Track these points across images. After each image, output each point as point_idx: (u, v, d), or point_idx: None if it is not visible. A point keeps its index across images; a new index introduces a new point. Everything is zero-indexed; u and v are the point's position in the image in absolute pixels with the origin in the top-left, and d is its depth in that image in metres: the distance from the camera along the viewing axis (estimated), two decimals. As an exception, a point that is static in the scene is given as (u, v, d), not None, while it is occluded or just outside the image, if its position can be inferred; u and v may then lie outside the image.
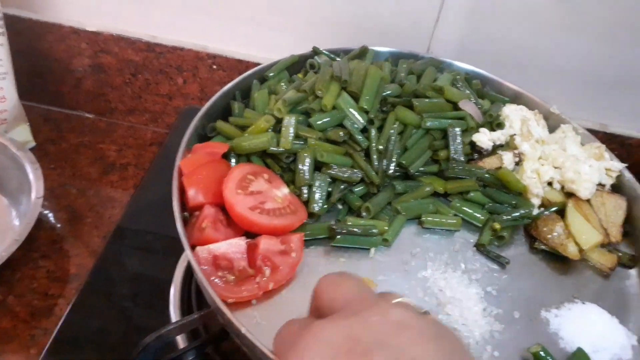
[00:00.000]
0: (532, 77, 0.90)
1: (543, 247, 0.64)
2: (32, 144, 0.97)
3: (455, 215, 0.65)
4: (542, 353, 0.53)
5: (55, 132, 1.02)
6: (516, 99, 0.79)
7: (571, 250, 0.63)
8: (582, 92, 0.91)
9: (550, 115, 0.76)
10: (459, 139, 0.66)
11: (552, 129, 0.76)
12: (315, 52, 0.75)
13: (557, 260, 0.64)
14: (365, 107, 0.63)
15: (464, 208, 0.65)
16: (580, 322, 0.58)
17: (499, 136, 0.69)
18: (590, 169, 0.68)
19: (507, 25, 0.86)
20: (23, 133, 0.95)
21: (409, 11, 0.86)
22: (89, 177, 0.94)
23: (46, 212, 0.87)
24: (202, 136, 0.66)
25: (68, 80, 1.02)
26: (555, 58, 0.88)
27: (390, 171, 0.64)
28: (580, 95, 0.92)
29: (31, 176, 0.79)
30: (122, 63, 0.98)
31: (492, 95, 0.77)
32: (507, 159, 0.68)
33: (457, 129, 0.66)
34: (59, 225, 0.85)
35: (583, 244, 0.63)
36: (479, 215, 0.65)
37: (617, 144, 0.94)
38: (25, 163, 0.81)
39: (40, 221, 0.83)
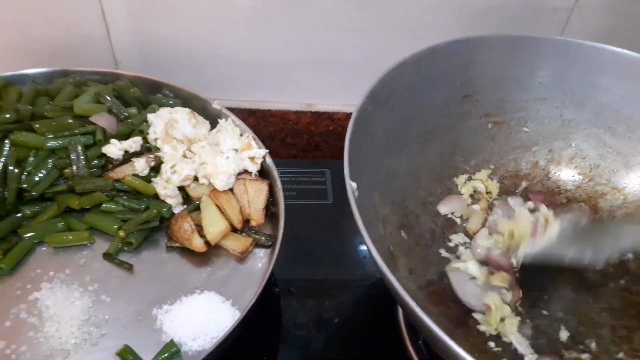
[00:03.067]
0: (216, 74, 0.94)
1: (175, 244, 0.66)
2: None
3: (90, 228, 0.66)
4: (127, 354, 0.55)
5: None
6: (188, 99, 0.81)
7: (196, 243, 0.65)
8: (286, 78, 0.95)
9: (216, 111, 0.78)
10: (81, 155, 0.67)
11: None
12: None
13: (193, 254, 0.66)
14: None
15: (95, 220, 0.66)
16: (185, 313, 0.60)
17: (131, 144, 0.70)
18: (227, 160, 0.71)
19: (177, 24, 0.88)
20: None
21: (74, 25, 0.86)
22: None
23: None
24: None
25: None
26: (244, 51, 0.91)
27: (10, 198, 0.64)
28: (284, 82, 0.95)
29: None
30: None
31: (158, 100, 0.79)
32: (140, 165, 0.69)
33: (79, 146, 0.67)
34: None
35: (208, 235, 0.66)
36: (110, 225, 0.66)
37: (327, 120, 0.98)
38: None
39: None
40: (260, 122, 0.97)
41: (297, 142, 0.98)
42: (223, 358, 0.58)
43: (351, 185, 0.55)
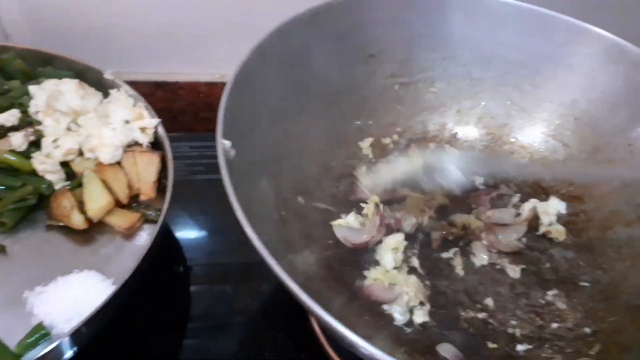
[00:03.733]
0: (119, 45, 0.89)
1: (55, 223, 0.62)
2: None
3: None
4: (-11, 339, 0.51)
5: None
6: (83, 72, 0.76)
7: (76, 221, 0.61)
8: (195, 47, 0.91)
9: (109, 83, 0.74)
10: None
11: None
12: None
13: (78, 233, 0.62)
14: None
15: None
16: (59, 294, 0.56)
17: (8, 117, 0.65)
18: (114, 131, 0.67)
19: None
20: None
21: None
22: None
23: None
24: None
25: None
26: (148, 19, 0.86)
27: None
28: (193, 51, 0.91)
29: None
30: None
31: (46, 73, 0.74)
32: (16, 139, 0.64)
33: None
34: None
35: (89, 211, 0.62)
36: (-18, 205, 0.62)
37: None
38: None
39: None
40: (169, 95, 0.92)
41: (212, 116, 0.94)
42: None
43: (222, 143, 0.51)
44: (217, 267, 0.72)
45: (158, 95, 0.91)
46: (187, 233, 0.75)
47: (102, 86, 0.75)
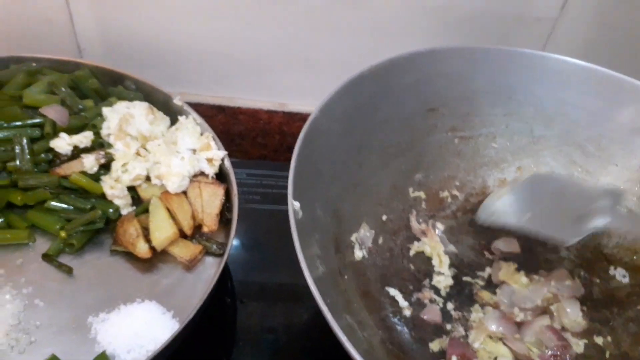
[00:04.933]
0: (185, 68, 0.90)
1: (120, 248, 0.63)
2: None
3: (31, 227, 0.63)
4: (54, 361, 0.52)
5: None
6: (150, 93, 0.77)
7: (140, 249, 0.62)
8: (259, 75, 0.92)
9: (176, 107, 0.75)
10: (26, 148, 0.63)
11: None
12: None
13: (141, 261, 0.63)
14: None
15: (37, 218, 0.63)
16: (122, 323, 0.57)
17: (81, 139, 0.67)
18: (182, 161, 0.68)
19: (146, 13, 0.83)
20: None
21: (34, 8, 0.81)
22: None
23: None
24: None
25: None
26: (216, 44, 0.87)
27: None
28: (257, 79, 0.92)
29: None
30: None
31: (117, 93, 0.75)
32: (89, 161, 0.66)
33: (25, 138, 0.64)
34: None
35: (154, 240, 0.62)
36: (53, 224, 0.63)
37: (300, 120, 0.94)
38: None
39: None
40: (229, 119, 0.93)
41: (268, 143, 0.95)
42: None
43: (293, 205, 0.52)
44: (264, 298, 0.73)
45: (219, 118, 0.92)
46: (240, 265, 0.76)
47: (169, 111, 0.76)
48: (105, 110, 0.71)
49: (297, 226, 0.49)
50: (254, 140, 0.94)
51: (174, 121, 0.75)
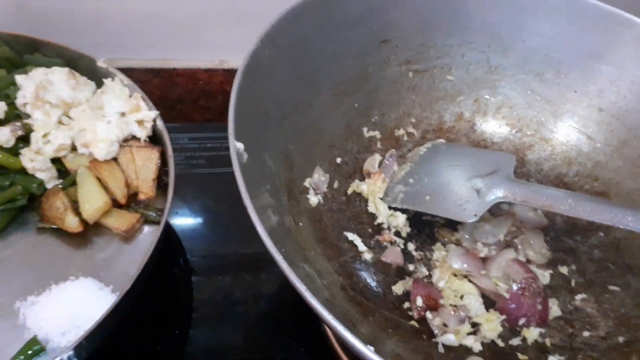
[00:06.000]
0: (112, 31, 0.83)
1: (47, 225, 0.58)
2: None
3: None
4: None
5: None
6: (73, 59, 0.70)
7: (70, 223, 0.57)
8: (194, 33, 0.85)
9: (103, 72, 0.68)
10: None
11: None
12: None
13: (70, 236, 0.58)
14: None
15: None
16: (54, 304, 0.52)
17: (-3, 110, 0.60)
18: (108, 125, 0.62)
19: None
20: None
21: None
22: None
23: None
24: None
25: None
26: (144, 4, 0.81)
27: None
28: (192, 38, 0.86)
29: None
30: None
31: (34, 60, 0.68)
32: (3, 134, 0.59)
33: None
34: None
35: (84, 212, 0.57)
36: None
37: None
38: None
39: None
40: (166, 83, 0.87)
41: (212, 105, 0.89)
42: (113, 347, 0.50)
43: (236, 147, 0.47)
44: (215, 265, 0.68)
45: (154, 83, 0.86)
46: (189, 234, 0.71)
47: (95, 75, 0.70)
48: (19, 79, 0.64)
49: (243, 172, 0.44)
50: (195, 103, 0.88)
51: (100, 86, 0.69)
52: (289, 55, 0.57)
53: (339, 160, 0.65)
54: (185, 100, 0.88)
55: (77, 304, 0.52)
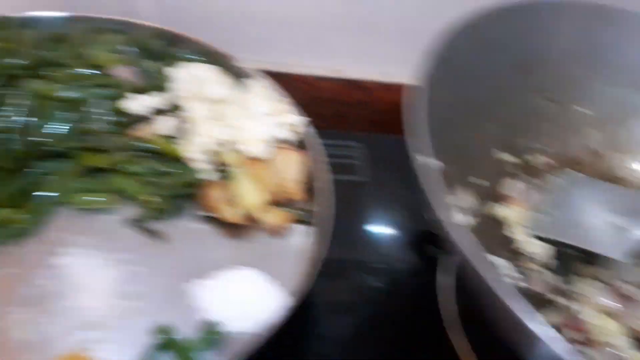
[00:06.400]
0: (230, 31, 0.85)
1: (208, 214, 0.61)
2: None
3: (114, 191, 0.60)
4: (163, 332, 0.50)
5: None
6: (213, 57, 0.73)
7: (230, 214, 0.60)
8: (311, 38, 0.88)
9: (243, 71, 0.72)
10: (102, 109, 0.60)
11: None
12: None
13: (227, 226, 0.61)
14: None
15: (119, 183, 0.60)
16: (227, 290, 0.55)
17: (158, 100, 0.64)
18: (261, 125, 0.65)
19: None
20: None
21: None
22: None
23: None
24: None
25: None
26: (265, 4, 0.84)
27: (22, 150, 0.57)
28: (308, 42, 0.89)
29: None
30: None
31: (182, 55, 0.72)
32: (164, 124, 0.63)
33: (99, 98, 0.60)
34: None
35: (243, 206, 0.60)
36: (136, 189, 0.60)
37: (357, 89, 0.92)
38: None
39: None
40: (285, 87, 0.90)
41: (322, 112, 0.92)
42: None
43: (431, 163, 0.49)
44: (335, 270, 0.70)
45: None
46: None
47: (236, 75, 0.73)
48: (176, 72, 0.68)
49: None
50: (305, 108, 0.91)
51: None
52: (455, 79, 0.60)
53: (475, 180, 0.67)
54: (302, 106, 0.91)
55: (248, 293, 0.55)
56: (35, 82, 0.59)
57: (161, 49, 0.71)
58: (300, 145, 0.68)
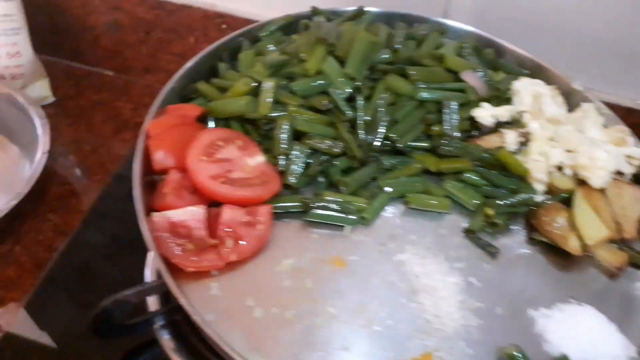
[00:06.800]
0: (560, 47, 0.81)
1: (542, 238, 0.58)
2: (51, 99, 0.97)
3: (447, 196, 0.60)
4: (517, 354, 0.48)
5: (74, 88, 1.02)
6: (535, 72, 0.71)
7: (572, 245, 0.56)
8: (621, 65, 0.81)
9: (572, 92, 0.68)
10: (455, 114, 0.60)
11: (574, 108, 0.68)
12: (315, 12, 0.70)
13: (557, 254, 0.58)
14: (351, 73, 0.58)
15: (456, 189, 0.59)
16: (571, 325, 0.51)
17: (503, 112, 0.62)
18: (607, 155, 0.60)
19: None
20: (42, 88, 0.95)
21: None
22: (103, 134, 0.94)
23: (59, 167, 0.87)
24: (185, 97, 0.63)
25: (86, 37, 1.01)
26: (590, 27, 0.78)
27: (376, 144, 0.59)
28: (618, 69, 0.81)
29: (39, 131, 0.79)
30: (135, 20, 0.96)
31: (507, 67, 0.70)
32: (510, 138, 0.61)
33: (454, 102, 0.60)
34: (69, 181, 0.86)
35: (587, 238, 0.56)
36: (471, 199, 0.59)
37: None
38: (34, 117, 0.81)
39: (52, 175, 0.84)
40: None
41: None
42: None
43: None
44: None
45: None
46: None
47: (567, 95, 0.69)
48: (517, 85, 0.66)
49: None
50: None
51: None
52: None
53: None
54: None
55: (591, 332, 0.51)
56: (396, 79, 0.61)
57: (493, 59, 0.71)
58: (637, 180, 0.63)
